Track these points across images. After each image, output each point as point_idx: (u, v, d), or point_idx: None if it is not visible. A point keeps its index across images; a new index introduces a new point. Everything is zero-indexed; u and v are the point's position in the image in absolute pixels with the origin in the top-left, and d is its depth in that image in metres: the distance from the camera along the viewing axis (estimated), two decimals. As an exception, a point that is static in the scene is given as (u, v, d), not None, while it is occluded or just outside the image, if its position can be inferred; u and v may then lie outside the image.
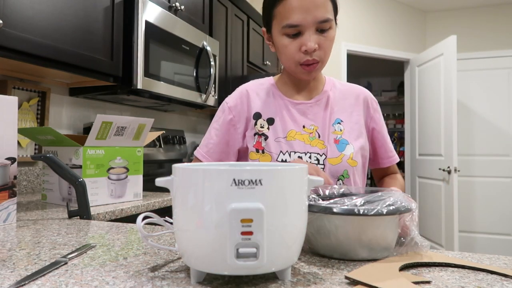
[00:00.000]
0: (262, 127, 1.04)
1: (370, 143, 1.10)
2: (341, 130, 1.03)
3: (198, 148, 1.10)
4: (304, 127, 1.03)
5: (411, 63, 4.43)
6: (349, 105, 1.07)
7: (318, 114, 1.04)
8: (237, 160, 1.10)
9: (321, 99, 1.06)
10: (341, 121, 1.04)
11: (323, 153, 1.00)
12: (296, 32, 0.94)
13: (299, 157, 1.00)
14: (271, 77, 1.13)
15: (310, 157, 1.00)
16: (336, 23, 0.99)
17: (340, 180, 1.00)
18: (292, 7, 0.91)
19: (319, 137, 1.02)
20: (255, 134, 1.05)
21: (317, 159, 1.00)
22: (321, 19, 0.92)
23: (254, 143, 1.04)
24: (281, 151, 1.01)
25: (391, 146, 1.12)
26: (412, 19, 4.51)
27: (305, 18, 0.91)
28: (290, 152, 1.00)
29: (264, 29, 1.06)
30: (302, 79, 1.04)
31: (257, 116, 1.06)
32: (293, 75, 1.04)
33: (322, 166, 0.99)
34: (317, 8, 0.91)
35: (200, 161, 1.08)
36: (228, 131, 1.06)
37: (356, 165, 1.01)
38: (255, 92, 1.08)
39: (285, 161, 1.00)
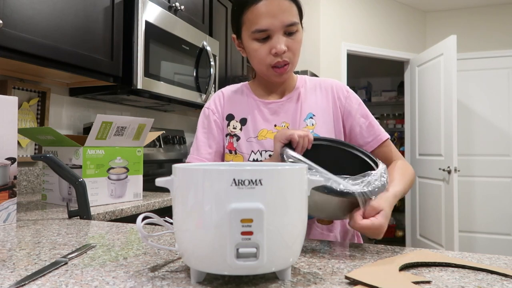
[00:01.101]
0: (234, 128, 1.08)
1: (349, 131, 1.06)
2: (313, 124, 1.04)
3: (189, 155, 1.13)
4: (275, 126, 1.05)
5: (411, 63, 4.43)
6: (319, 99, 1.08)
7: (289, 111, 1.06)
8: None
9: (292, 96, 1.08)
10: (313, 115, 1.05)
11: None
12: (265, 36, 0.97)
13: (270, 155, 1.01)
14: (246, 82, 1.16)
15: None
16: (302, 27, 1.02)
17: None
18: (260, 12, 0.95)
19: None
20: (227, 135, 1.08)
21: None
22: (288, 23, 0.96)
23: (227, 144, 1.08)
24: (252, 151, 1.03)
25: (372, 129, 1.04)
26: (412, 19, 4.51)
27: (273, 22, 0.95)
28: (262, 151, 1.03)
29: (234, 35, 1.08)
30: (274, 82, 1.07)
31: (230, 117, 1.09)
32: (266, 78, 1.06)
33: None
34: (283, 12, 0.95)
35: None
36: (216, 132, 1.10)
37: None
38: (229, 94, 1.13)
39: (257, 160, 1.02)
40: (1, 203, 0.98)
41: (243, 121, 1.07)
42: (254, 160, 1.03)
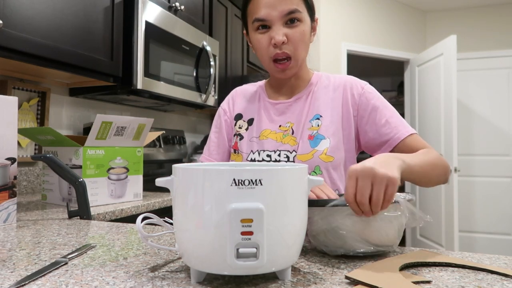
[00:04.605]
0: (240, 127, 1.07)
1: (364, 130, 1.00)
2: (318, 125, 1.00)
3: (202, 154, 1.15)
4: (280, 126, 1.03)
5: (411, 63, 4.43)
6: (330, 98, 1.03)
7: (296, 111, 1.04)
8: None
9: (301, 96, 1.05)
10: (321, 116, 1.01)
11: (294, 150, 0.99)
12: (264, 25, 0.96)
13: (267, 155, 1.00)
14: (264, 80, 1.15)
15: (279, 155, 0.99)
16: (313, 21, 1.00)
17: None
18: (260, 2, 0.95)
19: (292, 133, 1.01)
20: (234, 135, 1.09)
21: (287, 156, 0.99)
22: (287, 11, 0.94)
23: (233, 144, 1.08)
24: (251, 151, 1.03)
25: (389, 126, 0.96)
26: (412, 19, 4.51)
27: (270, 12, 0.94)
28: (260, 151, 1.02)
29: (244, 31, 1.08)
30: (279, 79, 1.05)
31: (238, 117, 1.10)
32: (271, 73, 1.05)
33: (292, 163, 0.98)
34: (282, 1, 0.94)
35: None
36: (225, 132, 1.11)
37: (332, 161, 0.96)
38: (243, 94, 1.13)
39: (254, 160, 1.01)
40: (1, 203, 0.98)
41: (250, 121, 1.07)
42: (251, 160, 1.02)
